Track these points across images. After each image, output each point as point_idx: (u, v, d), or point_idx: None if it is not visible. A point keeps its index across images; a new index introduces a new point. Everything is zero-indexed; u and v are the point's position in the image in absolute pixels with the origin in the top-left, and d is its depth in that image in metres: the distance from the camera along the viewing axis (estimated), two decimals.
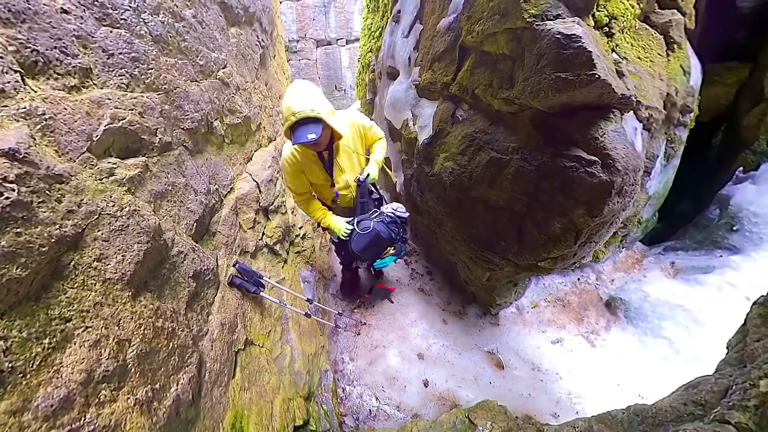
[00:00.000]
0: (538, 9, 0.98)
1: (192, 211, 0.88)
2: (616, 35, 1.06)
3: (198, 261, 0.84)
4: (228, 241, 1.07)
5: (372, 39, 2.87)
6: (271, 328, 1.14)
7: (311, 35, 5.91)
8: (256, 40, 1.52)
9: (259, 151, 1.46)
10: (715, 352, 0.73)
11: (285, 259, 1.56)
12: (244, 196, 1.24)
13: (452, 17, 1.44)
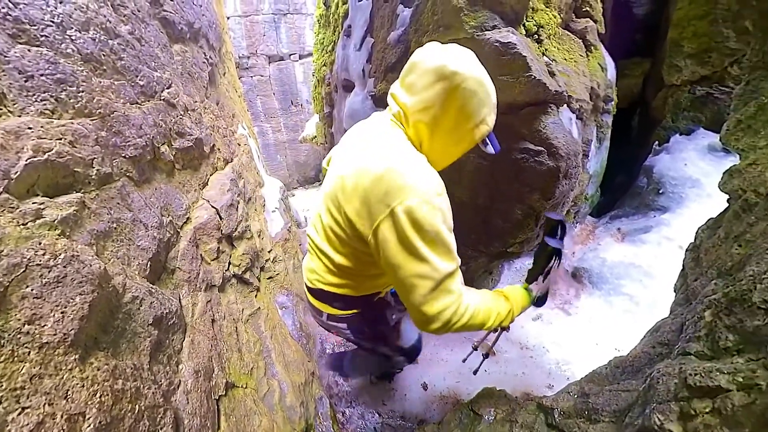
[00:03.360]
0: (477, 21, 1.14)
1: (144, 248, 0.78)
2: (545, 41, 1.29)
3: (157, 305, 0.74)
4: (190, 277, 0.96)
5: (325, 53, 2.93)
6: (253, 364, 1.04)
7: (262, 51, 5.75)
8: (203, 57, 1.44)
9: (215, 174, 1.36)
10: (667, 297, 0.89)
11: (257, 287, 1.45)
12: (203, 226, 1.13)
13: (401, 30, 1.57)
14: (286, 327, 1.47)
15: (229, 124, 1.69)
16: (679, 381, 0.50)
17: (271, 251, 1.77)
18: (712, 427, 0.41)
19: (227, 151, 1.52)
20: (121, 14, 0.86)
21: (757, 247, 0.56)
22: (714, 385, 0.45)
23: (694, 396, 0.47)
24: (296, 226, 2.62)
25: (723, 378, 0.44)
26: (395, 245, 0.52)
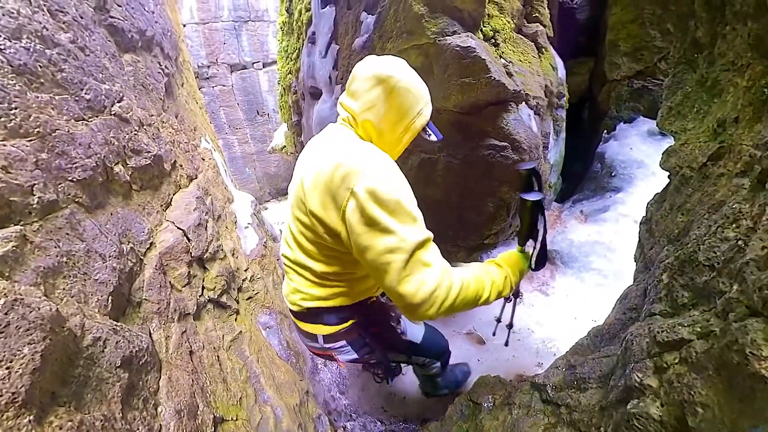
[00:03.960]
0: (437, 27, 1.22)
1: (102, 282, 0.71)
2: (501, 45, 1.41)
3: (125, 344, 0.67)
4: (160, 308, 0.88)
5: (290, 61, 2.90)
6: (242, 393, 0.98)
7: (223, 60, 5.50)
8: (157, 67, 1.34)
9: (178, 193, 1.27)
10: (630, 267, 1.00)
11: (236, 310, 1.37)
12: (169, 250, 1.05)
13: (365, 37, 1.61)
14: (272, 348, 1.40)
15: (191, 138, 1.60)
16: (649, 339, 0.57)
17: (248, 270, 1.69)
18: (682, 375, 0.47)
19: (190, 166, 1.43)
20: (60, 21, 0.78)
21: (695, 214, 0.67)
22: (678, 338, 0.52)
23: (663, 350, 0.54)
24: (272, 241, 2.52)
25: (685, 330, 0.51)
26: (360, 225, 0.52)
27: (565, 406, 0.76)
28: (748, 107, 0.56)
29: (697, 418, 0.41)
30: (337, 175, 0.55)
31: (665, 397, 0.50)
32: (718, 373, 0.41)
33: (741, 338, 0.38)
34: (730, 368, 0.39)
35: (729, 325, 0.42)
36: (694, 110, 0.73)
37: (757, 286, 0.39)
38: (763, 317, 0.37)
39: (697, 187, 0.69)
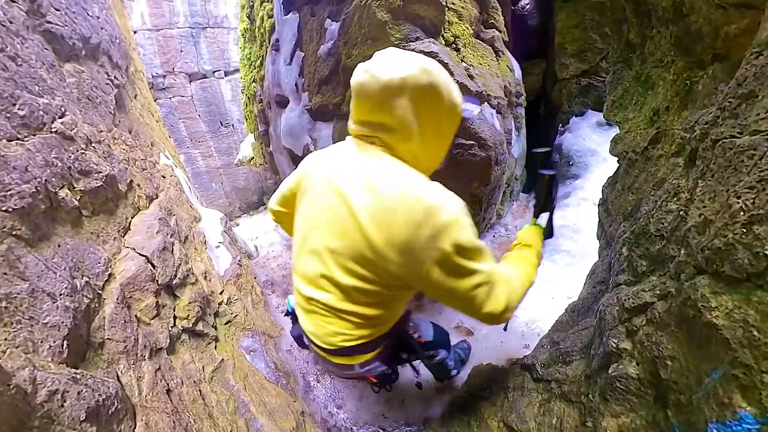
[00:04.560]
0: (401, 33, 1.27)
1: (54, 325, 0.63)
2: (462, 49, 1.51)
3: (88, 393, 0.60)
4: (127, 346, 0.80)
5: (254, 69, 2.81)
6: (231, 426, 0.91)
7: (181, 69, 5.14)
8: (105, 78, 1.22)
9: (137, 216, 1.16)
10: (594, 245, 1.09)
11: (215, 337, 1.27)
12: (131, 280, 0.95)
13: (330, 44, 1.63)
14: (259, 372, 1.33)
15: (148, 155, 1.47)
16: (619, 308, 0.64)
17: (223, 292, 1.58)
18: (650, 335, 0.54)
19: (150, 186, 1.32)
20: None
21: (643, 192, 0.77)
22: (642, 302, 0.59)
23: (631, 315, 0.61)
24: (247, 258, 2.39)
25: (647, 295, 0.58)
26: (447, 277, 0.52)
27: (555, 381, 0.82)
28: (675, 97, 0.67)
29: (668, 370, 0.47)
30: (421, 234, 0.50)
31: (639, 356, 0.56)
32: (679, 328, 0.48)
33: (693, 294, 0.45)
34: (688, 322, 0.45)
35: (682, 285, 0.48)
36: (633, 102, 0.85)
37: (700, 247, 0.46)
38: (708, 274, 0.44)
39: (642, 169, 0.80)
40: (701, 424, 0.38)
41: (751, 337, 0.35)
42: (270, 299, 2.08)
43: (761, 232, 0.37)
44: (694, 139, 0.56)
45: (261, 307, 1.87)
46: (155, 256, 1.09)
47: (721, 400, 0.36)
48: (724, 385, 0.37)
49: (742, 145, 0.43)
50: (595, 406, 0.60)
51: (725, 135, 0.47)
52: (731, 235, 0.40)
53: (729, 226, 0.41)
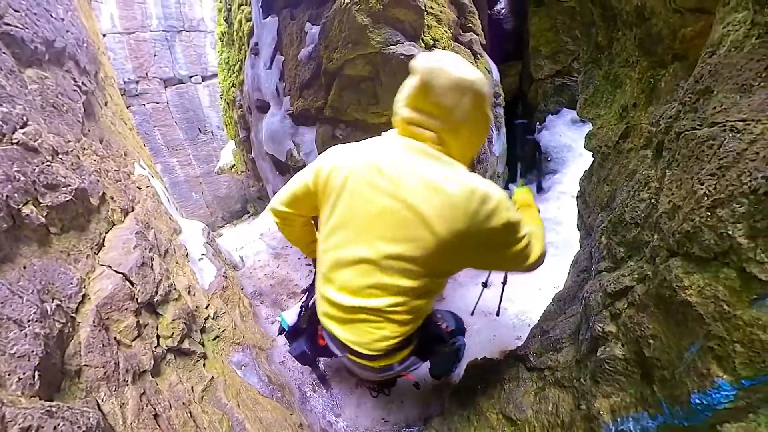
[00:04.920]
0: (382, 37, 1.28)
1: (23, 355, 0.58)
2: None
3: (67, 427, 0.55)
4: (107, 372, 0.75)
5: (232, 73, 2.74)
6: None
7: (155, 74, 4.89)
8: (72, 84, 1.14)
9: (112, 231, 1.10)
10: (576, 236, 1.15)
11: (203, 354, 1.22)
12: (108, 300, 0.90)
13: (311, 47, 1.62)
14: (252, 387, 1.28)
15: (122, 165, 1.39)
16: (602, 293, 0.68)
17: (209, 306, 1.52)
18: (632, 317, 0.57)
19: (124, 198, 1.25)
20: None
21: (617, 183, 0.82)
22: (623, 286, 0.62)
23: (614, 300, 0.64)
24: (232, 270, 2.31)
25: (626, 279, 0.62)
26: (500, 248, 0.62)
27: (548, 369, 0.85)
28: (641, 94, 0.72)
29: (651, 349, 0.50)
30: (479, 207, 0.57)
31: (624, 338, 0.59)
32: (657, 308, 0.51)
33: (667, 276, 0.48)
34: (665, 301, 0.49)
35: (657, 268, 0.52)
36: (603, 100, 0.91)
37: (671, 232, 0.50)
38: (680, 256, 0.47)
39: (615, 161, 0.85)
40: (684, 396, 0.41)
41: (722, 311, 0.38)
42: (259, 310, 2.02)
43: (723, 214, 0.40)
44: (660, 132, 0.61)
45: (250, 320, 1.80)
46: (133, 273, 1.03)
47: (700, 371, 0.39)
48: (701, 358, 0.40)
49: (702, 136, 0.48)
50: (587, 389, 0.63)
51: (687, 127, 0.52)
52: (698, 218, 0.44)
53: (695, 210, 0.45)
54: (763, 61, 0.39)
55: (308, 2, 1.65)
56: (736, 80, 0.43)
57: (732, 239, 0.38)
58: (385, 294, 0.63)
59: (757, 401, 0.34)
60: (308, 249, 0.92)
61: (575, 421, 0.64)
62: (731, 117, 0.43)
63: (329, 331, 0.74)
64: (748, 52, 0.41)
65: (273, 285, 2.25)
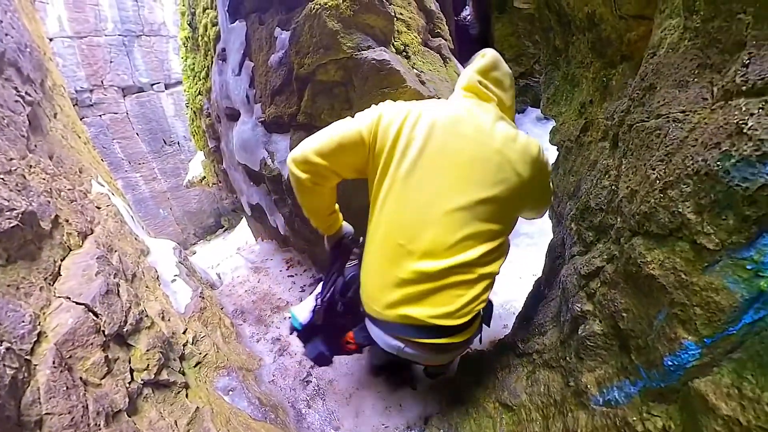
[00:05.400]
0: (353, 42, 1.29)
1: None
2: (412, 57, 1.60)
3: None
4: (74, 418, 0.67)
5: (199, 80, 2.60)
6: None
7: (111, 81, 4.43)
8: (13, 94, 1.01)
9: (69, 258, 0.99)
10: (548, 225, 1.22)
11: (185, 383, 1.13)
12: (70, 336, 0.80)
13: (281, 53, 1.59)
14: (243, 412, 1.21)
15: (77, 183, 1.26)
16: (577, 276, 0.73)
17: (187, 331, 1.42)
18: (606, 294, 0.62)
19: (81, 220, 1.13)
20: None
21: (581, 173, 0.89)
22: (595, 267, 0.67)
23: (588, 281, 0.69)
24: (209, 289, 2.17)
25: (597, 261, 0.67)
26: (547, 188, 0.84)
27: (536, 353, 0.89)
28: (596, 92, 0.80)
29: (625, 322, 0.55)
30: (541, 154, 0.74)
31: (600, 315, 0.64)
32: (626, 284, 0.56)
33: (632, 254, 0.53)
34: (633, 277, 0.54)
35: (622, 247, 0.57)
36: (564, 98, 0.99)
37: (631, 214, 0.55)
38: (641, 235, 0.53)
39: (578, 154, 0.92)
40: (658, 360, 0.46)
41: (681, 280, 0.43)
42: (242, 329, 1.91)
43: (673, 194, 0.46)
44: (615, 126, 0.67)
45: (233, 341, 1.70)
46: (97, 303, 0.93)
47: (669, 336, 0.44)
48: (668, 324, 0.45)
49: (650, 127, 0.54)
50: (574, 366, 0.68)
51: (637, 120, 0.58)
52: (652, 200, 0.49)
53: (650, 193, 0.50)
54: (695, 60, 0.45)
55: (277, 7, 1.62)
56: (674, 77, 0.49)
57: (682, 216, 0.44)
58: (478, 242, 0.67)
59: (719, 356, 0.39)
60: (326, 222, 0.81)
61: (566, 397, 0.68)
62: (673, 109, 0.49)
63: (396, 319, 0.69)
64: (682, 53, 0.47)
65: (255, 301, 2.15)
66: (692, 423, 0.41)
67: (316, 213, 0.81)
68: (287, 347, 1.71)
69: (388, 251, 0.68)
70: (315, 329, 0.91)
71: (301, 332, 0.93)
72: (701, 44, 0.44)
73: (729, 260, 0.38)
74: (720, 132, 0.39)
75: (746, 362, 0.36)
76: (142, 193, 4.95)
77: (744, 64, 0.37)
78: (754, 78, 0.36)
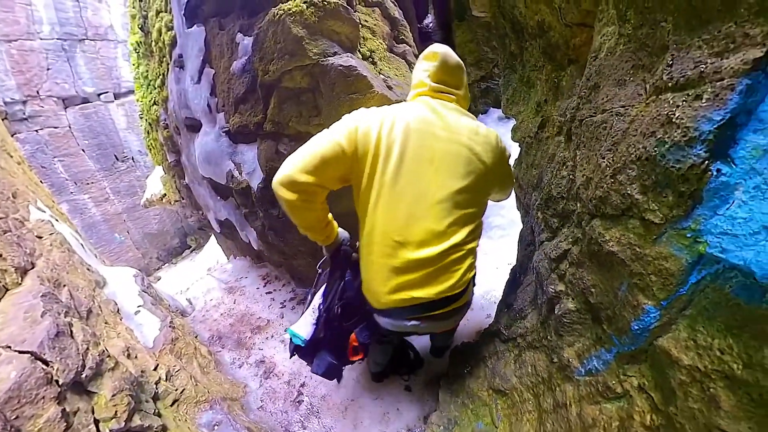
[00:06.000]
0: (319, 49, 1.28)
1: None
2: (378, 62, 1.62)
3: None
4: None
5: (153, 89, 2.38)
6: None
7: (49, 91, 3.79)
8: None
9: (6, 299, 0.84)
10: (518, 216, 1.30)
11: (162, 426, 1.02)
12: (14, 393, 0.69)
13: (244, 59, 1.53)
14: None
15: (10, 211, 1.08)
16: (547, 260, 0.78)
17: (159, 367, 1.29)
18: (575, 274, 0.68)
19: (18, 253, 0.97)
20: None
21: (541, 166, 0.96)
22: (562, 251, 0.73)
23: (558, 263, 0.75)
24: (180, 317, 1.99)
25: (563, 244, 0.73)
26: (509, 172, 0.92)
27: (519, 337, 0.94)
28: (549, 92, 0.88)
29: (594, 296, 0.61)
30: (498, 142, 0.84)
31: (572, 293, 0.69)
32: (591, 262, 0.62)
33: (593, 234, 0.59)
34: (596, 255, 0.59)
35: (584, 230, 0.63)
36: (521, 99, 1.07)
37: (588, 199, 0.61)
38: (598, 217, 0.59)
39: (537, 148, 1.00)
40: (626, 326, 0.51)
41: (636, 253, 0.49)
42: (222, 356, 1.77)
43: (622, 179, 0.51)
44: (567, 121, 0.74)
45: (213, 370, 1.57)
46: (46, 348, 0.80)
47: (632, 303, 0.49)
48: (630, 293, 0.50)
49: (597, 121, 0.60)
50: (555, 344, 0.73)
51: (586, 115, 0.64)
52: (605, 185, 0.55)
53: (602, 179, 0.56)
54: (630, 62, 0.52)
55: (239, 12, 1.55)
56: (614, 77, 0.55)
57: (631, 197, 0.49)
58: (462, 226, 0.76)
59: (675, 314, 0.44)
60: (323, 234, 0.84)
61: (552, 374, 0.72)
62: (615, 105, 0.55)
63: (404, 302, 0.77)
64: (619, 56, 0.54)
65: (232, 324, 2.01)
66: (661, 377, 0.46)
67: (313, 228, 0.83)
68: (273, 368, 1.62)
69: (386, 248, 0.75)
70: (318, 343, 0.91)
71: (305, 349, 0.90)
72: (634, 48, 0.51)
73: (672, 231, 0.43)
74: (654, 122, 0.45)
75: (697, 317, 0.41)
76: (92, 217, 4.35)
77: (669, 64, 0.43)
78: (677, 75, 0.42)
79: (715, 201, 0.38)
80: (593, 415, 0.57)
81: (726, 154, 0.37)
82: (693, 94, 0.40)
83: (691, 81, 0.40)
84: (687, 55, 0.41)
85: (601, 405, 0.56)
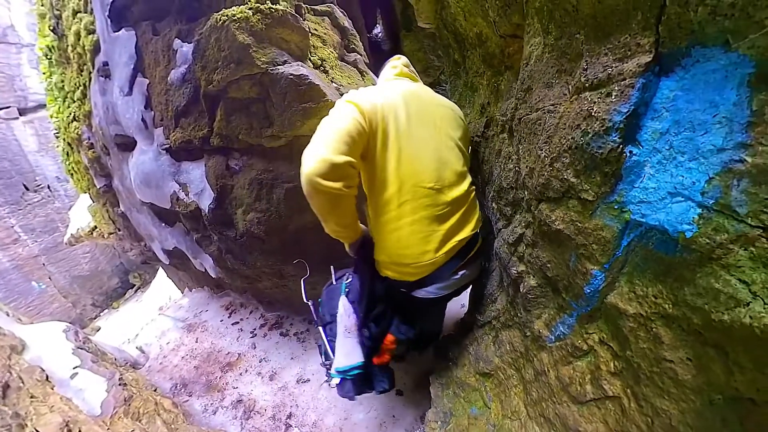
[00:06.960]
0: (267, 57, 1.22)
1: None
2: (329, 71, 1.59)
3: None
4: None
5: (72, 102, 1.98)
6: None
7: None
8: None
9: None
10: None
11: None
12: None
13: (184, 68, 1.38)
14: None
15: None
16: (506, 245, 0.84)
17: None
18: (531, 253, 0.74)
19: None
20: None
21: (491, 161, 1.05)
22: (518, 235, 0.79)
23: (516, 246, 0.81)
24: (131, 371, 1.66)
25: (518, 229, 0.80)
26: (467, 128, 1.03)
27: (494, 319, 0.99)
28: (491, 95, 0.96)
29: (551, 270, 0.67)
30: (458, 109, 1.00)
31: (532, 271, 0.76)
32: (544, 241, 0.69)
33: (541, 217, 0.65)
34: (547, 234, 0.66)
35: (533, 214, 0.70)
36: (467, 102, 1.16)
37: (533, 187, 0.68)
38: (544, 201, 0.65)
39: (485, 146, 1.09)
40: (580, 291, 0.58)
41: (578, 227, 0.56)
42: (190, 405, 1.53)
43: (558, 166, 0.58)
44: (508, 120, 0.82)
45: (182, 424, 1.34)
46: None
47: (582, 271, 0.56)
48: (579, 262, 0.57)
49: (533, 119, 0.68)
50: (525, 319, 0.79)
51: (523, 114, 0.72)
52: (546, 173, 0.62)
53: (543, 168, 0.63)
54: (555, 67, 0.60)
55: (175, 16, 1.38)
56: (543, 80, 0.63)
57: (568, 181, 0.56)
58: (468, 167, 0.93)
59: (616, 274, 0.51)
60: (354, 226, 0.80)
61: (528, 346, 0.78)
62: (546, 104, 0.63)
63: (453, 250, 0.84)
64: (546, 62, 0.62)
65: (197, 366, 1.75)
66: (615, 328, 0.53)
67: (349, 224, 0.79)
68: (253, 406, 1.45)
69: (423, 199, 0.79)
70: (368, 369, 0.86)
71: (358, 377, 0.84)
72: (557, 55, 0.58)
73: (603, 205, 0.50)
74: (578, 117, 0.52)
75: (632, 272, 0.49)
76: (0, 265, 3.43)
77: (584, 68, 0.51)
78: (591, 77, 0.49)
79: (631, 177, 0.46)
80: (569, 374, 0.63)
81: (634, 139, 0.45)
82: (605, 92, 0.47)
83: (602, 81, 0.48)
84: (597, 61, 0.48)
85: (573, 363, 0.62)
